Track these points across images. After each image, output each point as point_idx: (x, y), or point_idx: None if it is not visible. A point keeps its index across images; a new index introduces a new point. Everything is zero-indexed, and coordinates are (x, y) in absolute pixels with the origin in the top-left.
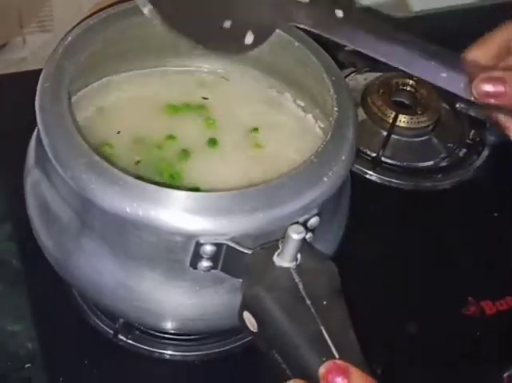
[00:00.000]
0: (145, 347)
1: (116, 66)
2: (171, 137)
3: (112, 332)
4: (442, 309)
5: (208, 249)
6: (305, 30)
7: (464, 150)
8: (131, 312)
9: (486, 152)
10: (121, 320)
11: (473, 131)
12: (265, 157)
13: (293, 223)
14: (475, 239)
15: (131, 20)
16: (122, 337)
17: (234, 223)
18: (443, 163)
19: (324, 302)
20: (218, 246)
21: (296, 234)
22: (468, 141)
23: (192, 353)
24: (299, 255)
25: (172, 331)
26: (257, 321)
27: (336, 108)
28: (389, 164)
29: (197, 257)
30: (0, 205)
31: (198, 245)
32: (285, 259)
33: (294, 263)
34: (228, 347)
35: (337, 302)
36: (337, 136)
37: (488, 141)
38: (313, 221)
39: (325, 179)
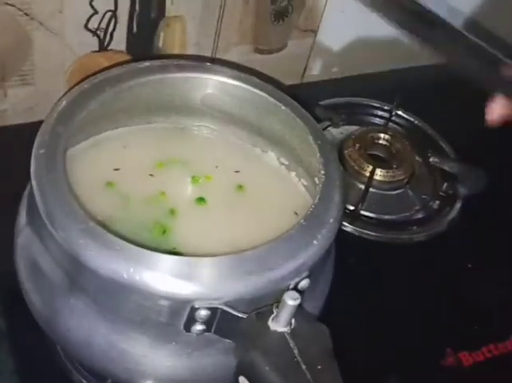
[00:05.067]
0: None
1: (105, 125)
2: (160, 194)
3: None
4: (421, 360)
5: (203, 313)
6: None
7: (438, 202)
8: (122, 374)
9: (458, 204)
10: (109, 381)
11: (446, 184)
12: (250, 214)
13: (285, 286)
14: (451, 291)
15: (122, 84)
16: None
17: (228, 288)
18: (418, 216)
19: (319, 367)
20: (213, 310)
21: (292, 301)
22: (441, 193)
23: None
24: (293, 320)
25: None
26: None
27: (323, 172)
28: (366, 217)
29: (191, 321)
30: None
31: (193, 309)
32: (280, 324)
33: (289, 327)
34: None
35: (331, 364)
36: (325, 199)
37: (460, 194)
38: (304, 283)
39: (315, 241)
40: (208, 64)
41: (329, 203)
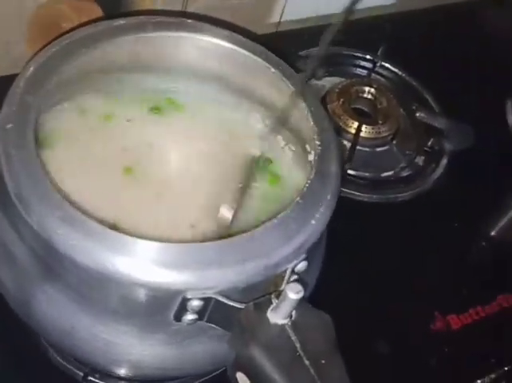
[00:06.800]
0: None
1: (77, 89)
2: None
3: (81, 373)
4: (410, 325)
5: (195, 304)
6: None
7: (423, 158)
8: (106, 364)
9: (444, 161)
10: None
11: (431, 139)
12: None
13: (281, 271)
14: (437, 251)
15: (96, 45)
16: (91, 378)
17: (221, 276)
18: (404, 174)
19: (323, 361)
20: (206, 300)
21: (294, 294)
22: (426, 149)
23: None
24: (293, 311)
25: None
26: None
27: (318, 142)
28: (350, 175)
29: (182, 311)
30: None
31: (185, 300)
32: (280, 316)
33: (289, 319)
34: None
35: (335, 358)
36: (321, 173)
37: (446, 150)
38: (301, 266)
39: (313, 221)
40: (189, 21)
41: (326, 177)
